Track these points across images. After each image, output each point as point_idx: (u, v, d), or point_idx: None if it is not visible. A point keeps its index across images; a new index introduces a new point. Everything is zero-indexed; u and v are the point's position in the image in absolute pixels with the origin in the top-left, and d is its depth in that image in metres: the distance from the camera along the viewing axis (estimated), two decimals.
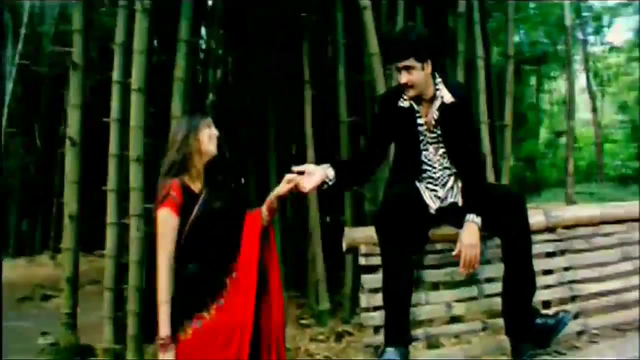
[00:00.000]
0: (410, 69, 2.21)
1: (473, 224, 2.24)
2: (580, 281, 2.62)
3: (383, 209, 2.26)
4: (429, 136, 2.34)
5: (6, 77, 9.08)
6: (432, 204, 2.35)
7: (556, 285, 2.58)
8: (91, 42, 6.33)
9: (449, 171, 2.37)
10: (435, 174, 2.36)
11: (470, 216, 2.25)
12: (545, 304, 2.53)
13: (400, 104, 2.33)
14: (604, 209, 2.84)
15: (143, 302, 4.03)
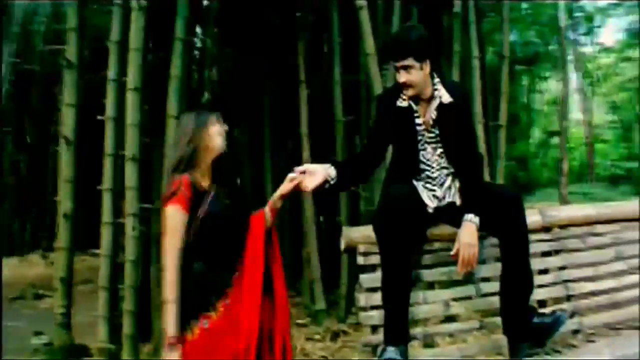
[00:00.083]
0: (409, 68, 2.23)
1: (471, 223, 2.26)
2: (575, 280, 2.65)
3: (381, 208, 2.27)
4: (427, 136, 2.35)
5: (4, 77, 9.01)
6: (430, 203, 2.37)
7: (551, 285, 2.60)
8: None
9: (447, 171, 2.38)
10: (433, 174, 2.37)
11: (468, 216, 2.27)
12: (541, 303, 2.55)
13: (399, 103, 2.34)
14: (598, 209, 2.87)
15: (139, 302, 4.04)
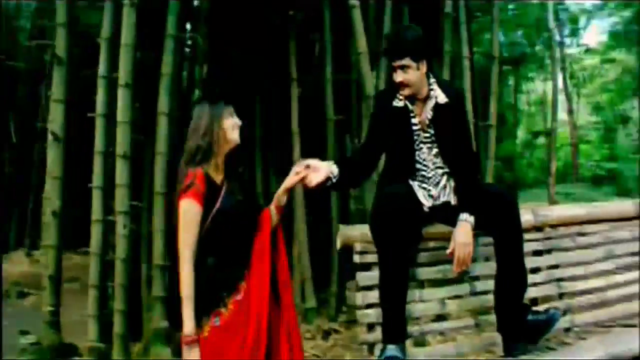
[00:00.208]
0: (405, 68, 2.25)
1: (466, 223, 2.28)
2: (566, 279, 2.69)
3: (378, 208, 2.28)
4: (423, 136, 2.36)
5: None
6: (426, 202, 2.38)
7: (543, 283, 2.64)
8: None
9: (442, 170, 2.39)
10: (429, 173, 2.39)
11: (463, 215, 2.29)
12: (533, 301, 2.59)
13: (395, 103, 2.36)
14: (589, 209, 2.92)
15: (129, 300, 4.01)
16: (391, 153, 2.45)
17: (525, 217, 2.61)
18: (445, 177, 2.40)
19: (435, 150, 2.37)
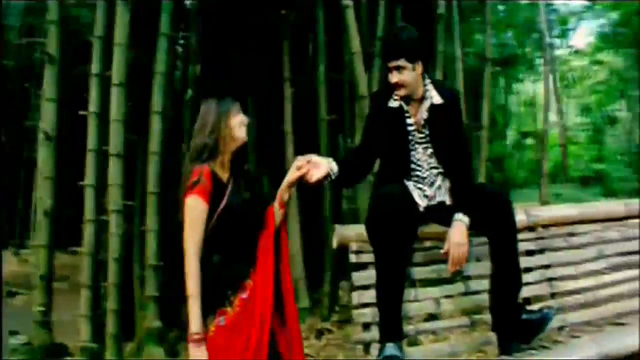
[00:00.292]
0: (401, 69, 2.26)
1: (461, 223, 2.29)
2: (558, 278, 2.72)
3: (374, 208, 2.27)
4: (418, 136, 2.38)
5: None
6: (421, 202, 2.39)
7: (536, 283, 2.66)
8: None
9: (437, 170, 2.41)
10: (424, 174, 2.40)
11: (458, 215, 2.31)
12: (526, 301, 2.60)
13: (390, 104, 2.37)
14: (581, 209, 2.96)
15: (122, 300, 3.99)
16: (386, 153, 2.46)
17: (518, 217, 2.63)
18: (440, 177, 2.42)
19: (430, 151, 2.39)
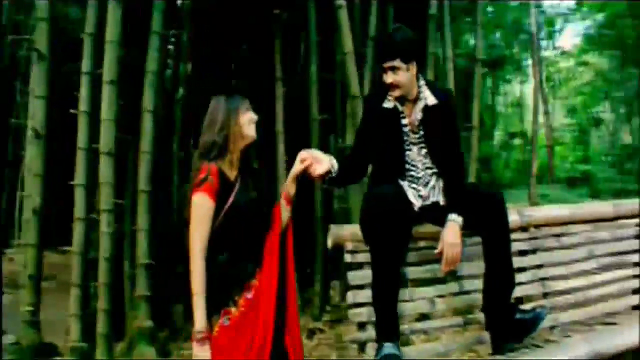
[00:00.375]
0: (395, 69, 2.27)
1: (455, 223, 2.31)
2: (550, 278, 2.75)
3: (368, 208, 2.28)
4: (412, 137, 2.39)
5: None
6: (416, 202, 2.40)
7: (528, 282, 2.69)
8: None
9: (431, 171, 2.42)
10: (418, 174, 2.41)
11: (452, 215, 2.32)
12: (518, 300, 2.63)
13: (385, 104, 2.38)
14: (573, 210, 2.99)
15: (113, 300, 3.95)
16: (381, 153, 2.46)
17: (511, 218, 2.65)
18: (434, 178, 2.43)
19: (424, 151, 2.40)
